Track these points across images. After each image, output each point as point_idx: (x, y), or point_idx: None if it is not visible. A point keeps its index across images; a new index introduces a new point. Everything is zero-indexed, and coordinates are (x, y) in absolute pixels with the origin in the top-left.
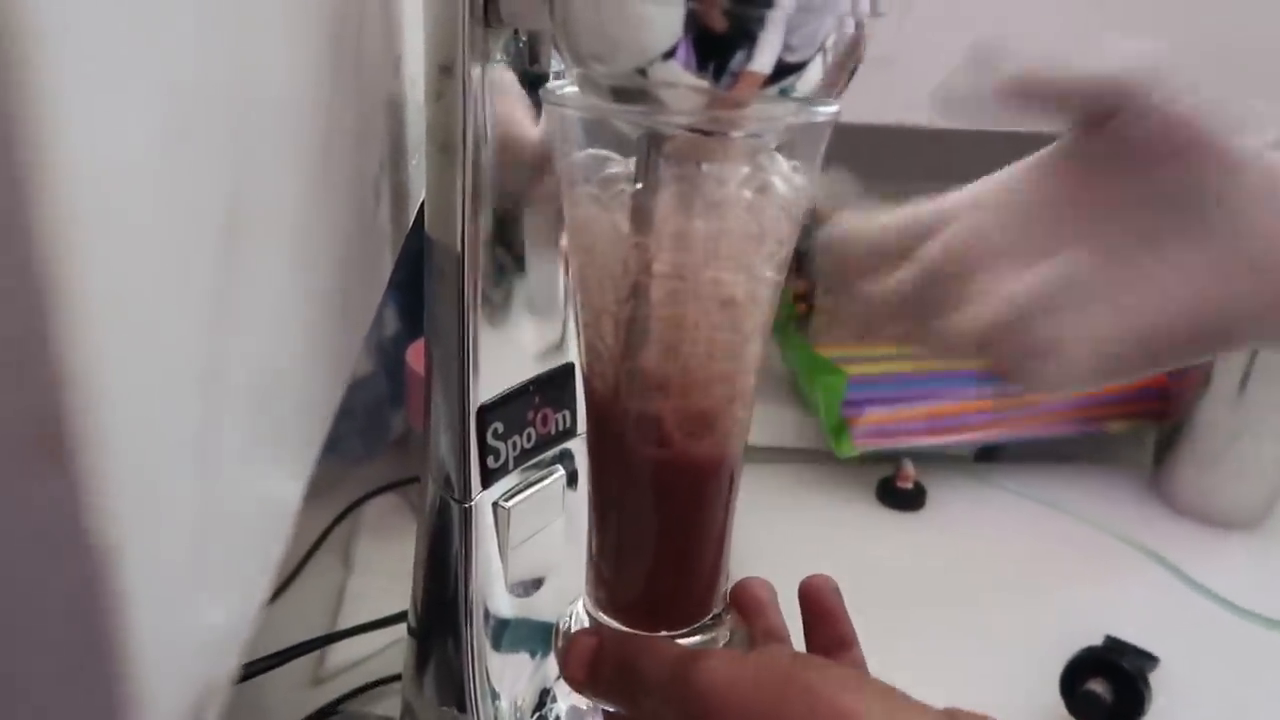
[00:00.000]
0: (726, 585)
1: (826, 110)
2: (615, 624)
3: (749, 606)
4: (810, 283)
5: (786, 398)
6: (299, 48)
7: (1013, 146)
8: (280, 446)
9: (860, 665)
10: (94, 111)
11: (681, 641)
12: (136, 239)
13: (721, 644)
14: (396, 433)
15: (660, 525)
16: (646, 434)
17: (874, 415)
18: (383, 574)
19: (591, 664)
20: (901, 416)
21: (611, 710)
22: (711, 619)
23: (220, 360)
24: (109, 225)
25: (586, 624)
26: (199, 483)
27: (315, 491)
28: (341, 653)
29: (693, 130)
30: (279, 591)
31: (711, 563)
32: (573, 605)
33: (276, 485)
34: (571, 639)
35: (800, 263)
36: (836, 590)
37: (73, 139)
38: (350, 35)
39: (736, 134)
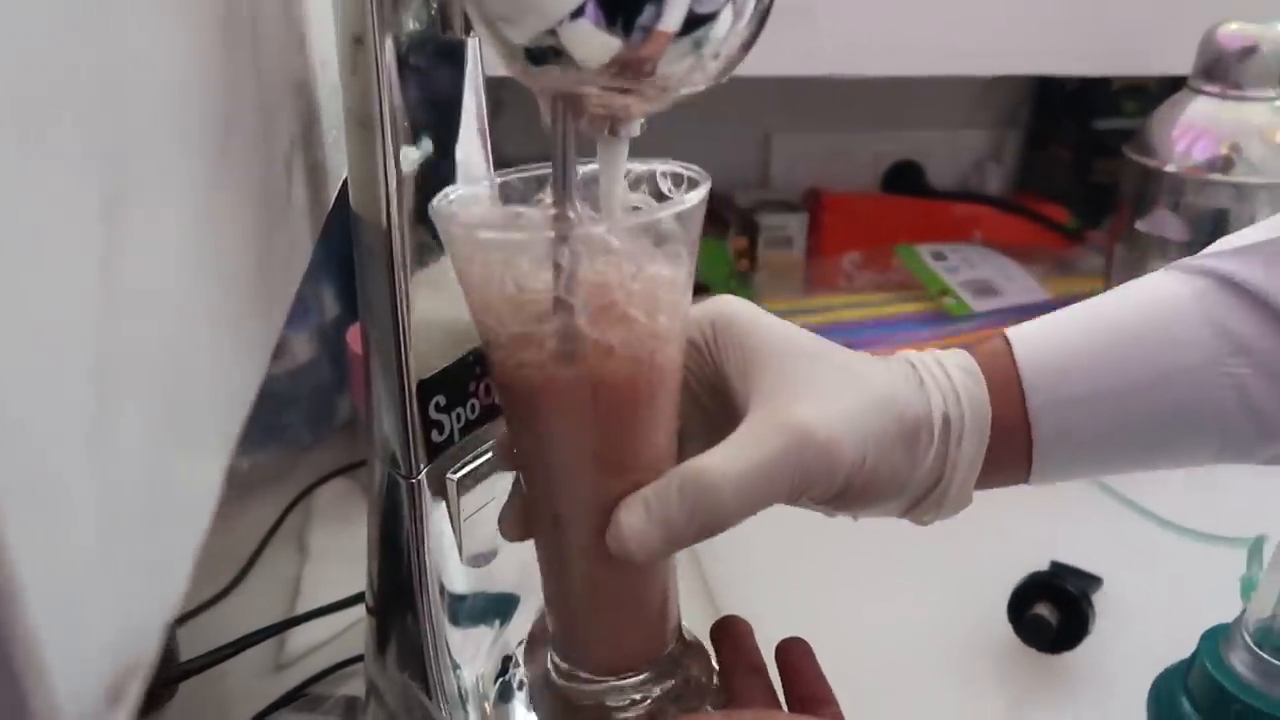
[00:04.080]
0: (679, 621)
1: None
2: (579, 672)
3: (728, 644)
4: (751, 239)
5: None
6: (179, 30)
7: (953, 89)
8: (193, 431)
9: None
10: None
11: (641, 689)
12: None
13: (678, 687)
14: (343, 417)
15: (601, 571)
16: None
17: None
18: (339, 558)
19: None
20: None
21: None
22: (669, 658)
23: (115, 349)
24: None
25: (554, 676)
26: (97, 473)
27: (266, 481)
28: (301, 638)
29: (606, 89)
30: (234, 583)
31: (660, 601)
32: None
33: (191, 470)
34: None
35: (741, 220)
36: (809, 652)
37: None
38: (243, 16)
39: (650, 91)
